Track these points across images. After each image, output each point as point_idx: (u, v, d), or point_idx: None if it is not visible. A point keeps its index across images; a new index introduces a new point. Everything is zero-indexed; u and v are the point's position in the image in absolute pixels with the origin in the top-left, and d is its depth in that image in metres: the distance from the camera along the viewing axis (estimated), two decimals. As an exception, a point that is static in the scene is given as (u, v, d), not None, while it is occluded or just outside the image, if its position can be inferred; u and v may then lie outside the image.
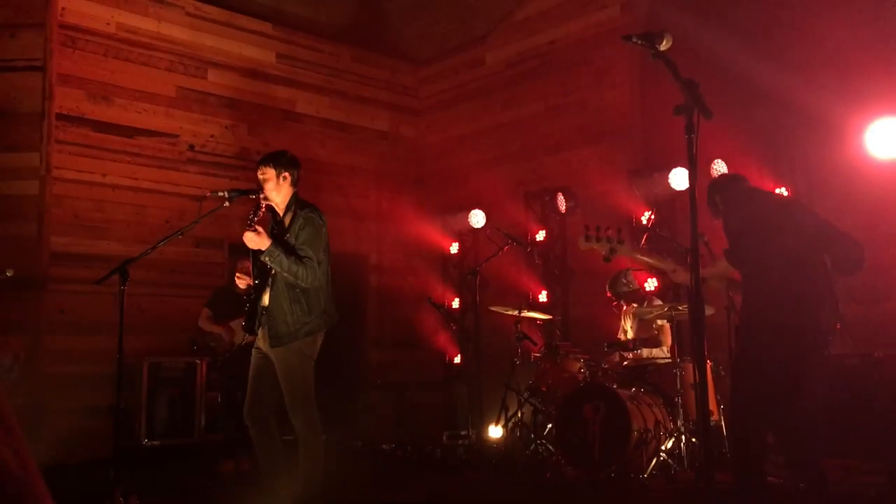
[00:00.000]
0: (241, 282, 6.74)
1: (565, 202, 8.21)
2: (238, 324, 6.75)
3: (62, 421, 7.02)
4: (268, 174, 4.50)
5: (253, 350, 4.55)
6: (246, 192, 4.55)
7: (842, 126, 6.13)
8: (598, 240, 4.43)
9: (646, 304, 6.77)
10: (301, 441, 4.39)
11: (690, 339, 6.19)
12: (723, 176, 4.80)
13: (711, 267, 4.37)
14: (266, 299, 4.45)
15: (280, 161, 4.54)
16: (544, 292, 8.57)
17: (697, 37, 6.34)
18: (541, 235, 8.69)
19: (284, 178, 4.52)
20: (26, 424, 6.73)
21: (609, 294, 6.88)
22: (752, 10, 7.10)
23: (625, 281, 6.78)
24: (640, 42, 2.87)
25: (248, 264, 4.73)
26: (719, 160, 6.72)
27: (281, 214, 4.59)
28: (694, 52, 6.07)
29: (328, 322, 4.54)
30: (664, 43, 2.85)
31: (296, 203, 4.57)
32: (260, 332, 4.47)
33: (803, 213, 4.32)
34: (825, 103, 5.99)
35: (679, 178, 7.02)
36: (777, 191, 6.57)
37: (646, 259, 4.72)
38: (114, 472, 4.78)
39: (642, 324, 6.81)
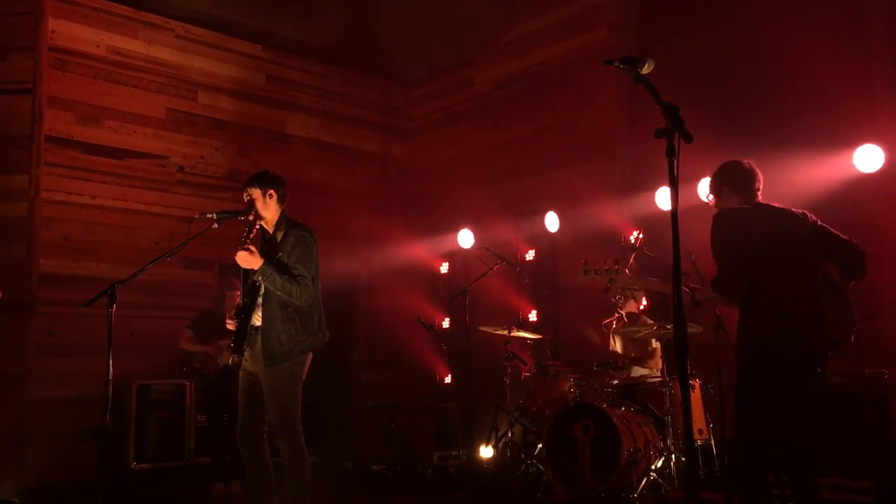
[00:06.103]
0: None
1: (555, 222, 8.25)
2: (222, 344, 6.73)
3: (50, 444, 6.98)
4: (254, 195, 4.51)
5: (240, 372, 4.51)
6: (235, 214, 4.55)
7: (826, 144, 6.17)
8: (598, 272, 4.48)
9: (639, 321, 6.77)
10: (288, 463, 4.36)
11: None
12: (730, 168, 4.42)
13: (707, 290, 4.20)
14: (258, 319, 4.44)
15: (263, 180, 4.55)
16: (534, 311, 8.58)
17: (685, 56, 6.42)
18: (530, 255, 8.72)
19: (270, 196, 4.53)
20: (14, 447, 6.69)
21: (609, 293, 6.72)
22: (737, 28, 7.17)
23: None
24: (621, 66, 2.90)
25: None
26: (708, 178, 6.74)
27: (271, 232, 4.59)
28: (681, 70, 6.14)
29: (321, 340, 4.54)
30: (646, 67, 2.88)
31: (286, 222, 4.58)
32: (247, 353, 4.44)
33: (803, 224, 4.08)
34: (809, 121, 6.04)
35: (665, 198, 7.05)
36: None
37: (646, 284, 4.72)
38: (102, 496, 4.75)
39: (630, 342, 6.83)
